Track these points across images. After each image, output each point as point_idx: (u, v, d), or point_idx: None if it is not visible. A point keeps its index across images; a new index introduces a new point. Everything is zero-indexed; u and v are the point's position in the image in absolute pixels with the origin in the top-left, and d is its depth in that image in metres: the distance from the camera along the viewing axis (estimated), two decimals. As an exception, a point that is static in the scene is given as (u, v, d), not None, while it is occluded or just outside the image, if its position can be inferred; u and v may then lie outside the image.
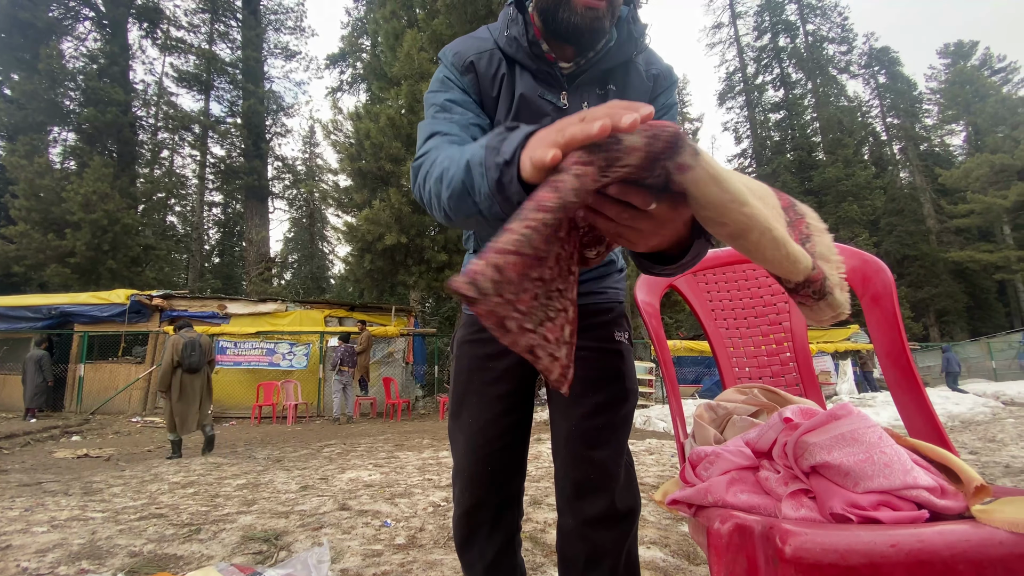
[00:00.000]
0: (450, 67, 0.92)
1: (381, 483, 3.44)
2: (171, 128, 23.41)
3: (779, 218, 0.62)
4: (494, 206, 0.60)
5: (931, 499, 0.59)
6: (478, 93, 0.91)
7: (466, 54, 0.91)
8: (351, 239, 11.33)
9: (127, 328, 10.41)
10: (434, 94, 0.91)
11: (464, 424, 1.03)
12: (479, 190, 0.61)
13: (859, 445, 0.62)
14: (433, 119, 0.87)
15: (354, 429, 7.66)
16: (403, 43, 11.03)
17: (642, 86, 0.94)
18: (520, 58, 0.89)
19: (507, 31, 0.90)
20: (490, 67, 0.90)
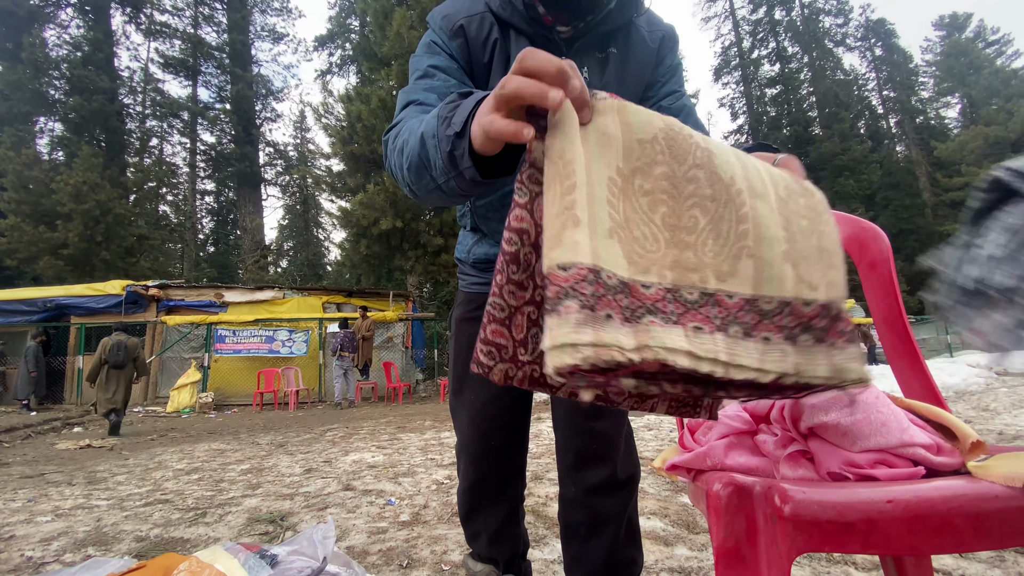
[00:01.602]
0: (438, 31, 0.87)
1: (384, 464, 3.48)
2: (159, 115, 23.07)
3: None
4: (450, 181, 0.57)
5: (927, 456, 0.59)
6: (467, 59, 0.86)
7: (455, 17, 0.86)
8: (346, 224, 11.27)
9: (124, 319, 10.39)
10: (418, 58, 0.87)
11: (467, 401, 1.04)
12: (434, 164, 0.58)
13: (856, 405, 0.62)
14: (413, 86, 0.82)
15: (356, 413, 7.72)
16: (392, 21, 10.82)
17: (644, 48, 0.91)
18: (515, 22, 0.85)
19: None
20: (481, 31, 0.86)
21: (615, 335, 0.38)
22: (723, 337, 0.44)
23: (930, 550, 0.55)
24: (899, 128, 33.79)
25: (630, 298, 0.42)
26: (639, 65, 0.91)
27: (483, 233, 1.03)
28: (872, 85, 35.04)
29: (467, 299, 1.08)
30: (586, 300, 0.38)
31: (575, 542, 0.98)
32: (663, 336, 0.41)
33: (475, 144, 0.50)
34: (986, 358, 0.74)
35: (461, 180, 0.56)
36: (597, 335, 0.37)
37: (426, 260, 11.23)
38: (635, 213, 0.46)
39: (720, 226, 0.48)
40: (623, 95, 0.77)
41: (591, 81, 0.87)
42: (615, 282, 0.42)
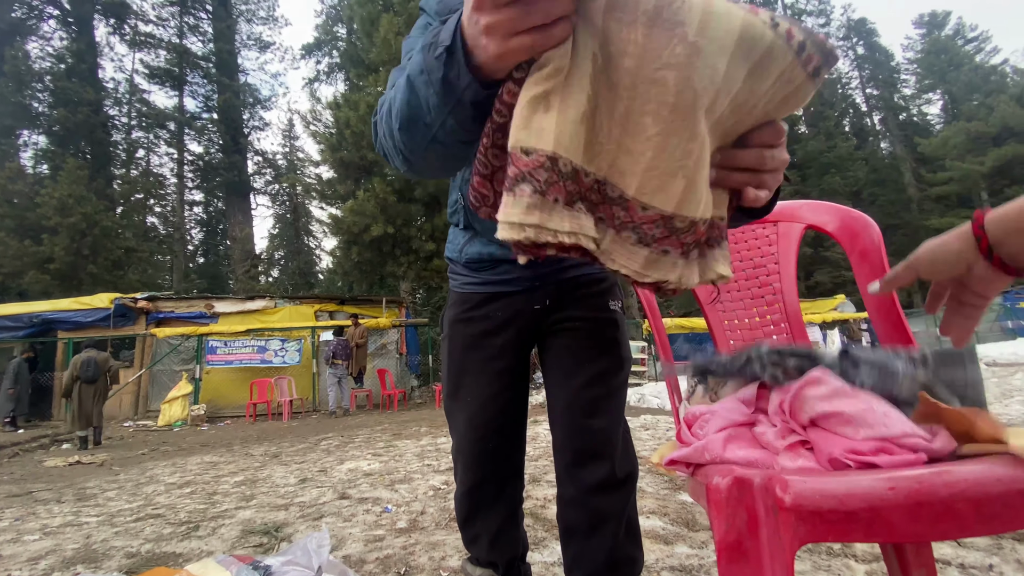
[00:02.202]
0: (434, 15, 0.83)
1: (380, 471, 3.45)
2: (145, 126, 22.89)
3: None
4: (447, 119, 0.51)
5: (928, 445, 0.59)
6: None
7: (453, 3, 0.82)
8: (337, 231, 11.22)
9: (113, 333, 10.25)
10: (413, 39, 0.81)
11: (463, 403, 1.02)
12: (427, 103, 0.51)
13: (859, 396, 0.61)
14: (405, 63, 0.77)
15: (351, 421, 7.66)
16: (380, 28, 10.82)
17: None
18: None
19: None
20: None
21: (557, 220, 0.45)
22: (614, 235, 0.52)
23: (933, 536, 0.54)
24: (883, 125, 34.25)
25: (575, 183, 0.47)
26: None
27: (476, 231, 1.01)
28: (855, 83, 35.51)
29: (460, 299, 1.06)
30: (539, 186, 0.44)
31: (575, 542, 0.97)
32: (585, 223, 0.48)
33: (471, 47, 0.45)
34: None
35: (460, 110, 0.49)
36: (542, 218, 0.44)
37: (418, 266, 11.20)
38: (602, 102, 0.46)
39: (669, 140, 0.47)
40: None
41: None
42: (568, 169, 0.46)
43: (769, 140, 0.53)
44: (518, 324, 1.01)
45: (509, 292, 1.01)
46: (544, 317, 1.01)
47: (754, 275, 1.15)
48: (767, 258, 1.14)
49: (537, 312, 1.01)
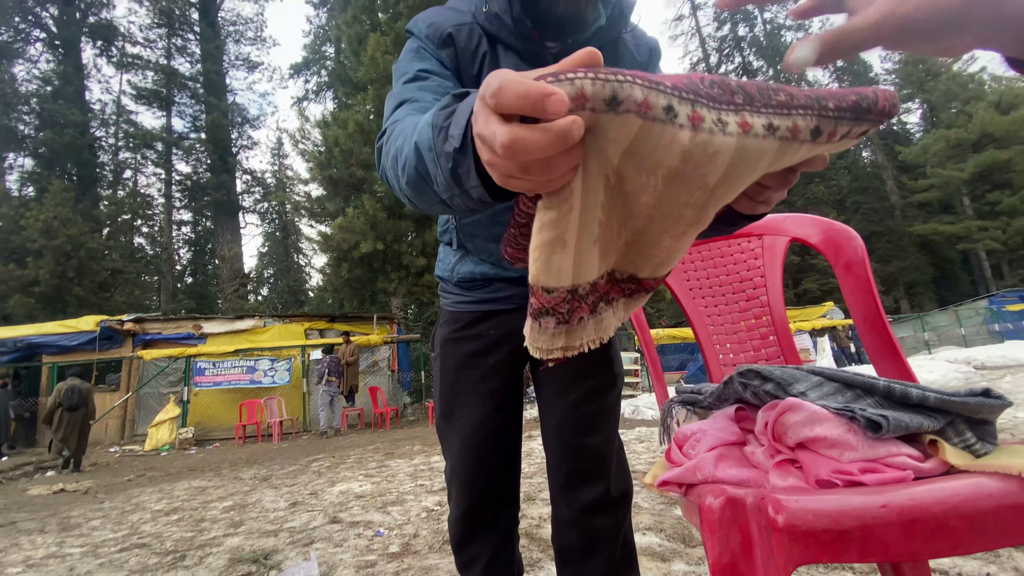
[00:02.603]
0: (424, 39, 0.82)
1: (372, 493, 3.39)
2: (132, 147, 22.79)
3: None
4: (454, 198, 0.50)
5: (915, 463, 0.58)
6: (456, 69, 0.82)
7: (443, 26, 0.82)
8: (327, 249, 11.18)
9: (99, 356, 10.07)
10: (404, 63, 0.80)
11: (457, 425, 1.00)
12: (435, 179, 0.50)
13: (836, 419, 0.61)
14: (402, 87, 0.75)
15: (342, 441, 7.54)
16: (367, 47, 10.91)
17: (633, 62, 0.90)
18: (503, 36, 0.82)
19: (486, 6, 0.82)
20: (471, 41, 0.82)
21: (581, 336, 0.49)
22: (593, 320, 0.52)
23: (928, 554, 0.54)
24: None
25: (594, 294, 0.49)
26: None
27: (467, 250, 1.00)
28: (836, 95, 36.28)
29: (452, 318, 1.04)
30: (562, 317, 0.46)
31: (571, 564, 0.95)
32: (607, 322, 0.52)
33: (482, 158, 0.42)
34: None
35: (467, 198, 0.49)
36: (568, 341, 0.48)
37: (409, 281, 11.16)
38: (614, 215, 0.45)
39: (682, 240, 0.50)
40: None
41: None
42: (586, 290, 0.48)
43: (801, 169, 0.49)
44: (511, 343, 1.00)
45: (502, 310, 1.00)
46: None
47: (740, 288, 1.15)
48: (753, 271, 1.14)
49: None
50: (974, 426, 0.63)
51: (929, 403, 0.62)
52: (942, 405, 0.62)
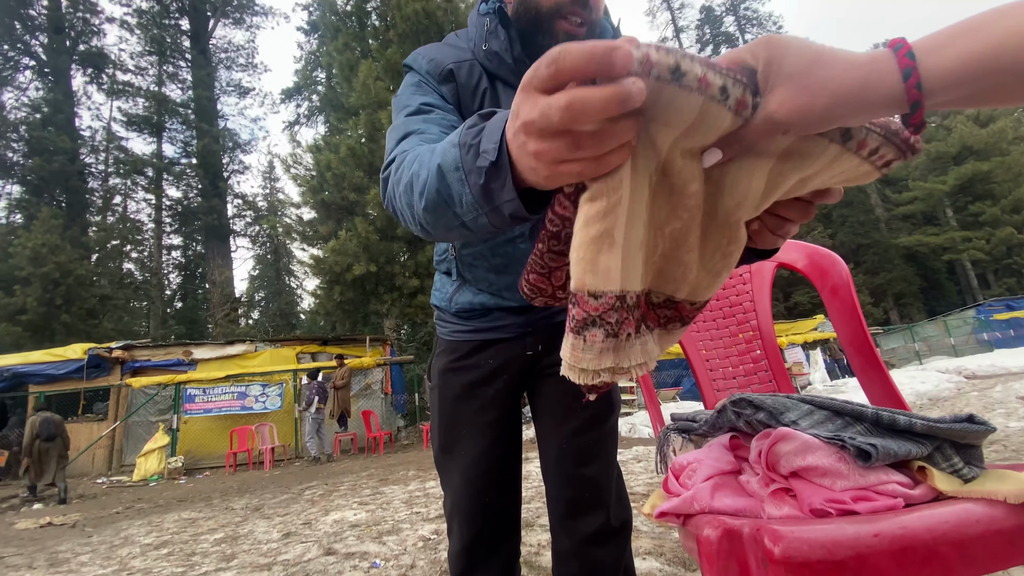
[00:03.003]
0: (425, 74, 0.83)
1: (367, 522, 3.33)
2: (123, 173, 22.77)
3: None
4: (480, 217, 0.49)
5: (905, 491, 0.60)
6: (458, 105, 0.82)
7: (444, 62, 0.82)
8: (319, 272, 11.14)
9: (86, 384, 9.89)
10: (406, 97, 0.80)
11: (457, 457, 0.99)
12: (460, 199, 0.50)
13: (827, 447, 0.63)
14: (406, 120, 0.75)
15: (336, 467, 7.42)
16: (359, 73, 11.07)
17: None
18: (503, 75, 0.83)
19: (486, 45, 0.82)
20: (471, 78, 0.83)
21: (627, 356, 0.44)
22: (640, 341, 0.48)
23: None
24: (847, 150, 35.73)
25: (639, 309, 0.46)
26: None
27: (466, 280, 1.00)
28: (818, 112, 37.17)
29: (449, 347, 1.04)
30: (611, 328, 0.41)
31: None
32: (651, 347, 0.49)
33: (516, 163, 0.42)
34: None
35: (496, 216, 0.48)
36: (616, 360, 0.43)
37: (402, 303, 11.13)
38: (655, 219, 0.44)
39: (717, 251, 0.49)
40: None
41: None
42: (633, 301, 0.44)
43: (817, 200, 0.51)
44: (510, 372, 1.00)
45: (500, 339, 1.00)
46: (535, 363, 1.01)
47: (731, 313, 1.18)
48: (743, 296, 1.17)
49: (529, 358, 1.00)
50: (961, 450, 0.65)
51: (916, 429, 0.64)
52: (929, 431, 0.64)
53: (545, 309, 0.99)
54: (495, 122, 0.45)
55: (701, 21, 38.13)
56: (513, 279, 0.93)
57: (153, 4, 23.81)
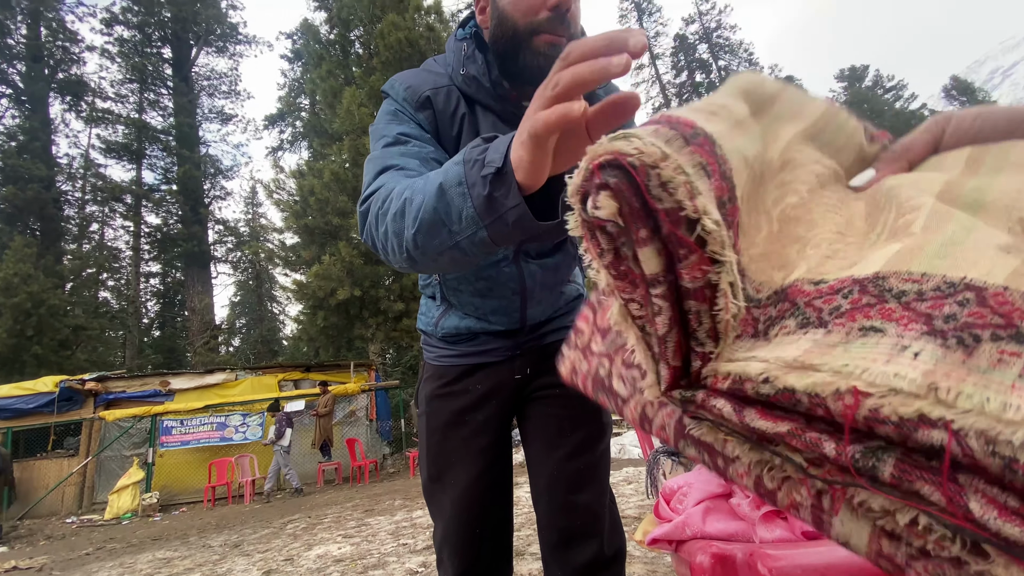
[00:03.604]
0: (402, 102, 0.83)
1: (352, 556, 3.22)
2: (100, 200, 22.38)
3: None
4: (479, 231, 0.52)
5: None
6: (435, 131, 0.83)
7: (421, 88, 0.83)
8: (302, 297, 11.01)
9: (57, 418, 9.52)
10: (383, 126, 0.81)
11: (447, 487, 0.96)
12: (460, 215, 0.52)
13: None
14: (383, 152, 0.76)
15: (319, 499, 7.21)
16: (343, 100, 11.15)
17: None
18: (481, 98, 0.84)
19: (463, 69, 0.83)
20: (448, 104, 0.83)
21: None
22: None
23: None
24: (820, 170, 36.97)
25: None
26: None
27: (451, 304, 0.99)
28: (791, 134, 38.49)
29: (436, 373, 1.02)
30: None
31: None
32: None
33: (520, 175, 0.46)
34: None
35: (499, 226, 0.50)
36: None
37: (387, 327, 11.02)
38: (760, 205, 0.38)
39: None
40: None
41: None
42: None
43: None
44: (499, 396, 0.98)
45: (488, 363, 0.98)
46: (524, 386, 1.00)
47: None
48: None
49: (518, 382, 0.99)
50: None
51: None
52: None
53: (532, 331, 0.99)
54: (500, 140, 0.49)
55: (676, 48, 39.49)
56: (498, 303, 0.93)
57: (135, 33, 23.83)
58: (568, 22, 0.76)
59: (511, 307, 0.94)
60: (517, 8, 0.75)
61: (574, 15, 0.77)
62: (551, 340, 0.99)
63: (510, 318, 0.95)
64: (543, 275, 0.93)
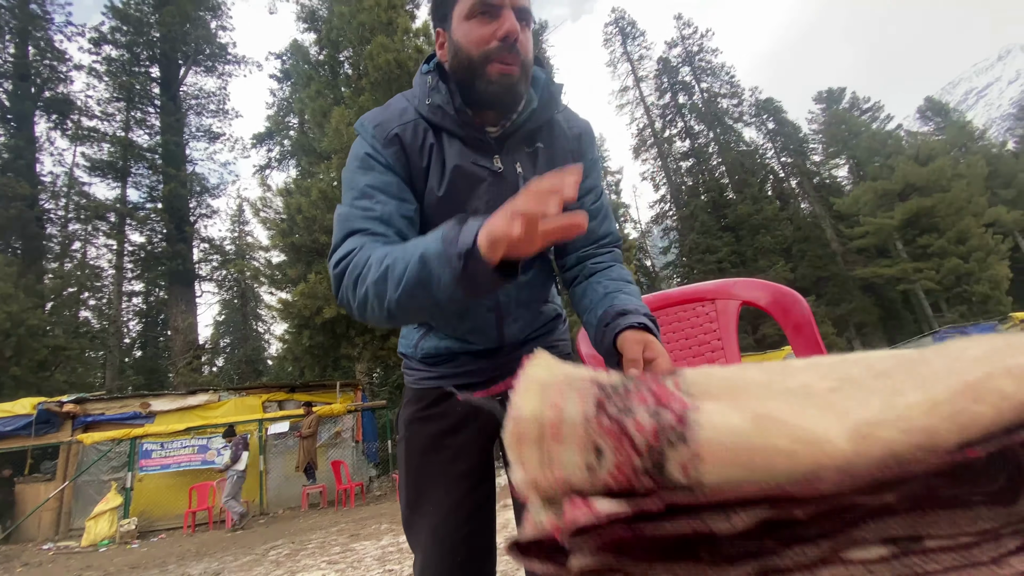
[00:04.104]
0: (371, 140, 0.87)
1: (337, 581, 3.14)
2: (83, 219, 22.06)
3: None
4: (456, 292, 0.64)
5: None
6: (405, 167, 0.87)
7: (389, 126, 0.87)
8: (287, 316, 10.90)
9: (34, 442, 9.22)
10: (353, 174, 0.86)
11: (425, 514, 0.94)
12: (439, 280, 0.64)
13: None
14: (351, 209, 0.82)
15: (303, 523, 7.03)
16: (331, 119, 11.23)
17: (567, 143, 0.96)
18: (447, 126, 0.87)
19: (429, 99, 0.87)
20: (416, 138, 0.87)
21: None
22: None
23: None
24: (800, 188, 37.78)
25: None
26: (565, 155, 0.96)
27: (430, 326, 0.99)
28: (771, 153, 39.41)
29: (416, 396, 1.01)
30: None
31: None
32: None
33: (486, 253, 0.59)
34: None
35: (473, 288, 0.63)
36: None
37: (375, 345, 10.92)
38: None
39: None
40: None
41: (525, 175, 0.91)
42: None
43: None
44: (479, 419, 0.97)
45: (468, 384, 0.98)
46: (506, 409, 0.99)
47: (700, 352, 1.19)
48: (710, 335, 1.19)
49: (498, 405, 0.99)
50: None
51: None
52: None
53: (512, 352, 0.99)
54: (471, 224, 0.62)
55: (659, 71, 40.46)
56: (475, 322, 0.94)
57: (123, 53, 23.83)
58: (517, 50, 0.81)
59: (488, 325, 0.95)
60: (469, 40, 0.81)
61: (523, 44, 0.82)
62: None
63: (488, 336, 0.96)
64: (517, 292, 0.95)
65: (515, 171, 0.89)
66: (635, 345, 0.77)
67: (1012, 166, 35.43)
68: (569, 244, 0.99)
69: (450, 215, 0.72)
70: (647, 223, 39.76)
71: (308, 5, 20.04)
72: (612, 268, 0.95)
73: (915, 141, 33.07)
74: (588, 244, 0.98)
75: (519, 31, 0.81)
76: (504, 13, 0.80)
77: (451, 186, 0.86)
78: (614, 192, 36.92)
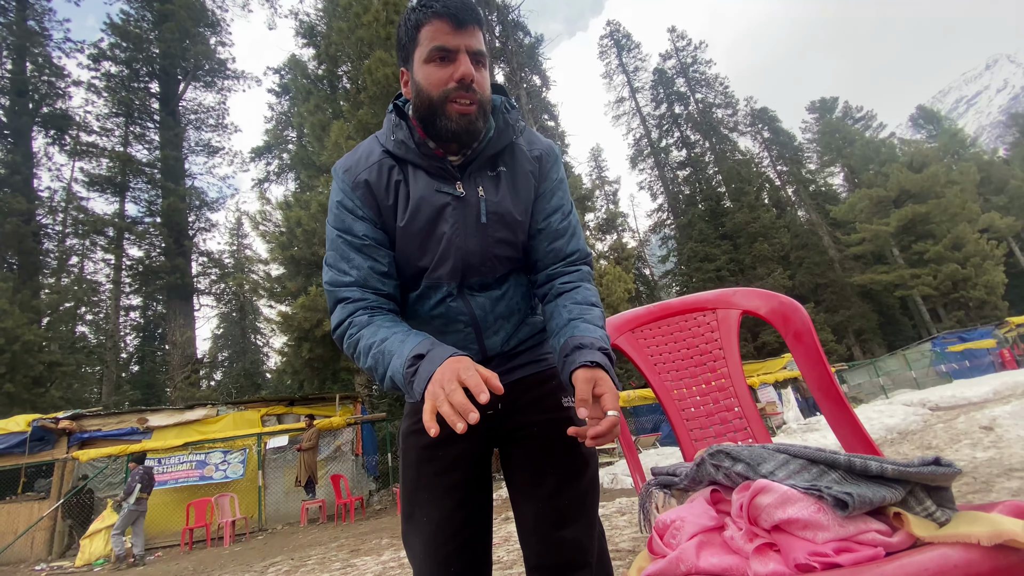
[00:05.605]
0: (342, 185, 0.95)
1: (337, 598, 3.09)
2: (81, 233, 22.06)
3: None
4: (419, 395, 0.75)
5: (886, 540, 0.60)
6: (374, 206, 0.93)
7: (356, 171, 0.94)
8: (287, 329, 10.88)
9: (28, 459, 9.12)
10: (330, 228, 0.96)
11: (419, 524, 0.95)
12: (406, 391, 0.80)
13: (805, 498, 0.63)
14: (333, 273, 0.93)
15: (303, 539, 6.95)
16: (330, 133, 11.30)
17: (527, 162, 1.00)
18: (411, 158, 0.93)
19: (393, 136, 0.94)
20: (381, 179, 0.93)
21: None
22: None
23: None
24: (796, 196, 38.03)
25: None
26: (526, 177, 1.00)
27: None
28: (767, 162, 39.74)
29: (411, 409, 1.02)
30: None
31: None
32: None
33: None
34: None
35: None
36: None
37: (374, 358, 10.86)
38: None
39: None
40: (516, 205, 0.97)
41: (487, 197, 0.94)
42: None
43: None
44: (471, 432, 0.98)
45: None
46: (499, 423, 0.99)
47: (702, 361, 1.20)
48: (711, 344, 1.19)
49: (490, 417, 0.98)
50: (932, 493, 0.66)
51: (888, 474, 0.65)
52: (900, 476, 0.65)
53: (500, 364, 0.99)
54: (422, 375, 0.75)
55: (655, 82, 40.89)
56: (455, 337, 0.97)
57: (123, 68, 24.01)
58: (474, 89, 0.87)
59: (467, 339, 0.98)
60: (429, 82, 0.87)
61: (479, 82, 0.88)
62: (519, 375, 1.00)
63: (469, 350, 0.97)
64: (492, 306, 0.98)
65: (477, 195, 0.94)
66: (585, 384, 0.81)
67: (1004, 173, 35.80)
68: (539, 262, 1.01)
69: (421, 239, 0.92)
70: (645, 232, 39.90)
71: (307, 21, 20.28)
72: (578, 289, 0.97)
73: (908, 148, 33.42)
74: (557, 262, 1.00)
75: (474, 72, 0.86)
76: (459, 57, 0.86)
77: (418, 214, 0.92)
78: (612, 202, 37.12)
